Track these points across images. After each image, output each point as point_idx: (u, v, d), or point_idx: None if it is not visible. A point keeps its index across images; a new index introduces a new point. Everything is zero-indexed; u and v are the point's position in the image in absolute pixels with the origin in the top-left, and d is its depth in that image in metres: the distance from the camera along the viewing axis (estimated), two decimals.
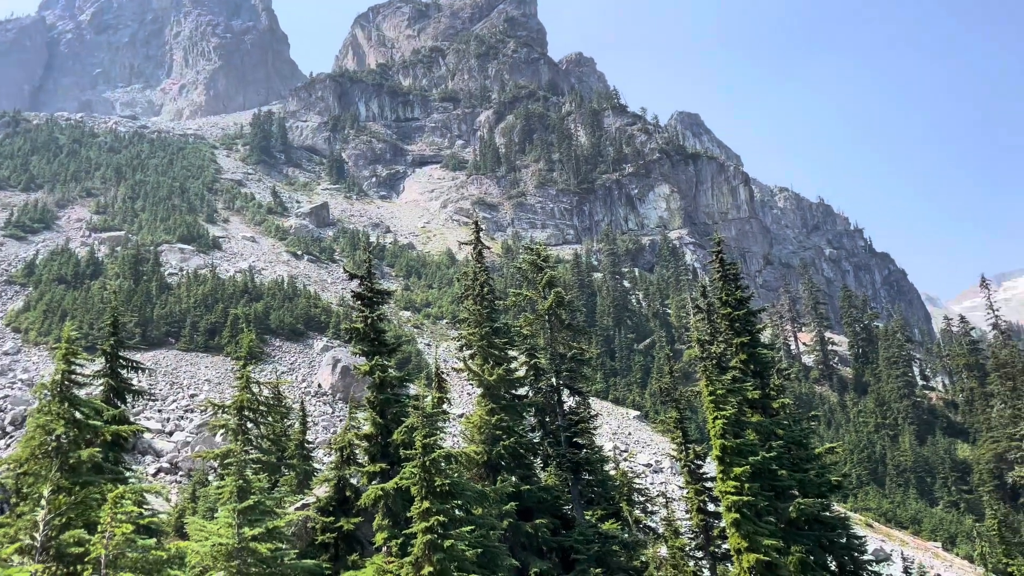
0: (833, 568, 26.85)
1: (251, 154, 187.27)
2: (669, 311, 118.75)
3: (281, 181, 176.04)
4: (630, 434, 77.71)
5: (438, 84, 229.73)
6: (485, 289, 29.25)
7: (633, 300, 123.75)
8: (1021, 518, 70.10)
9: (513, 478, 25.07)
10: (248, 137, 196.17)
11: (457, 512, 19.20)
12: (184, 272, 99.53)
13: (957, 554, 62.76)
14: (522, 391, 29.22)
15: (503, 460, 25.49)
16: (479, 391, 27.03)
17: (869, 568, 27.14)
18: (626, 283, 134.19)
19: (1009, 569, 41.74)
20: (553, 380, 29.64)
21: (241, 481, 15.80)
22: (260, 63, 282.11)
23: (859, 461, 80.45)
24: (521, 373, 29.22)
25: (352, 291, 24.19)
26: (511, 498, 23.35)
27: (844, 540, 27.05)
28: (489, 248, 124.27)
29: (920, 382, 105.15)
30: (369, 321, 22.58)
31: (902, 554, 44.61)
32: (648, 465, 68.35)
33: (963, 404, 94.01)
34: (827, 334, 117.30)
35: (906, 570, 30.35)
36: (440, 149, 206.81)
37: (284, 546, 16.74)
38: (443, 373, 30.18)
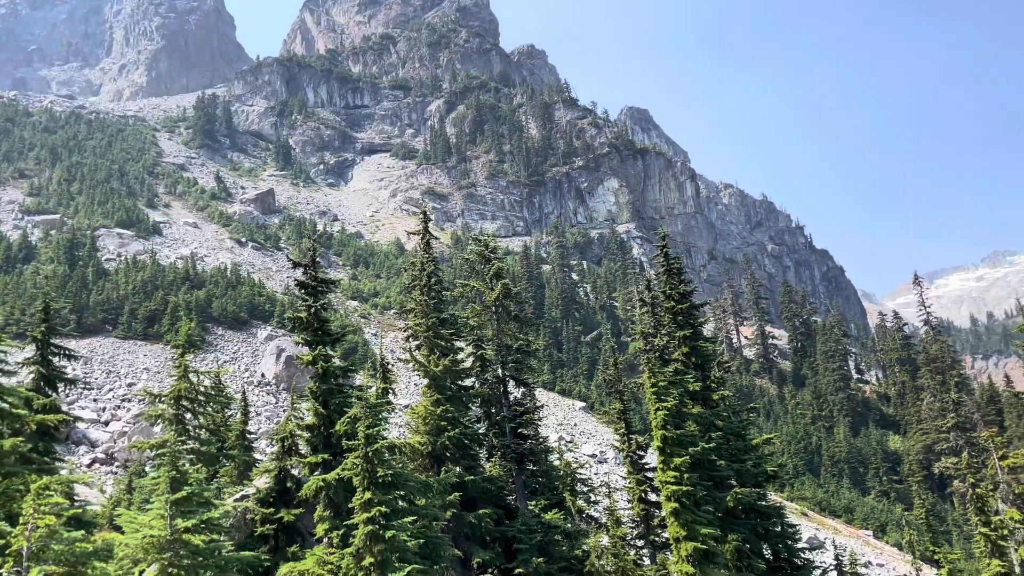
0: (768, 556, 27.60)
1: (194, 138, 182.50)
2: (616, 304, 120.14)
3: (225, 166, 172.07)
4: (575, 425, 78.45)
5: (388, 72, 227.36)
6: (432, 279, 29.13)
7: (581, 293, 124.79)
8: (947, 507, 73.10)
9: (457, 469, 25.10)
10: (191, 120, 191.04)
11: (400, 503, 19.14)
12: (122, 258, 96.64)
13: (887, 542, 65.10)
14: (468, 382, 29.22)
15: (448, 451, 25.48)
16: (425, 382, 26.94)
17: (802, 555, 27.98)
18: (574, 276, 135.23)
19: (935, 556, 43.47)
20: (499, 371, 29.69)
21: (175, 472, 15.44)
22: (205, 45, 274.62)
23: (796, 452, 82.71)
24: (468, 364, 29.20)
25: (296, 280, 23.84)
26: (455, 488, 23.36)
27: (779, 529, 27.82)
28: (438, 238, 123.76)
29: (855, 375, 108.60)
30: (313, 310, 22.29)
31: (834, 542, 46.11)
32: (593, 456, 69.10)
33: (895, 397, 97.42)
34: (768, 328, 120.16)
35: (837, 557, 31.36)
36: (390, 138, 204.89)
37: (220, 538, 16.43)
38: (389, 364, 29.99)
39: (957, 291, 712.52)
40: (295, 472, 21.83)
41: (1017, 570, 51.15)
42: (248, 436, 30.87)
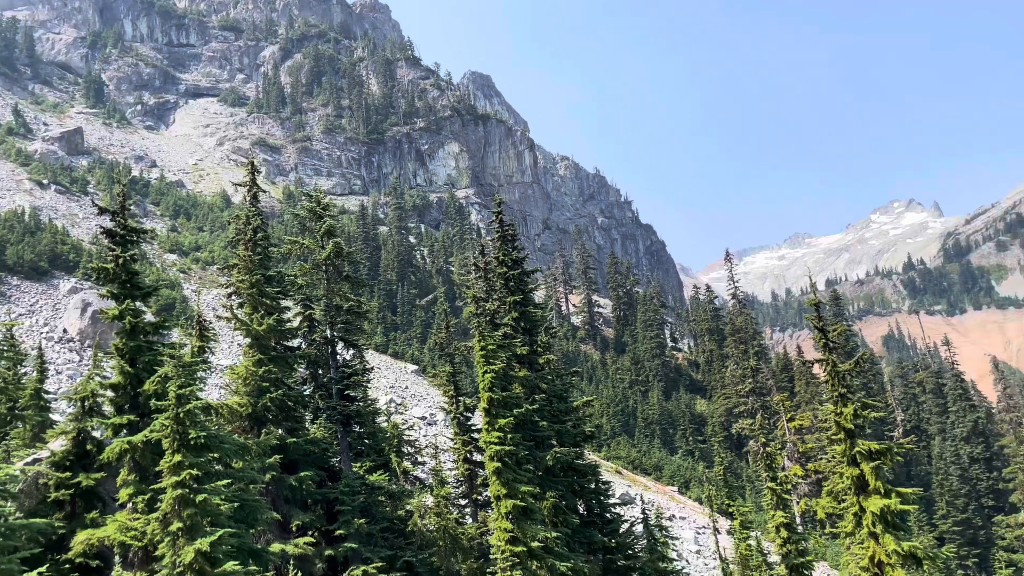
0: (582, 511, 29.16)
1: None
2: (453, 269, 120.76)
3: (25, 99, 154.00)
4: (407, 388, 78.50)
5: (219, 10, 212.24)
6: (259, 234, 27.79)
7: (418, 256, 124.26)
8: (743, 465, 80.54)
9: (279, 431, 24.36)
10: None
11: (215, 466, 18.30)
12: None
13: (690, 497, 70.79)
14: (295, 343, 28.32)
15: (270, 413, 24.64)
16: (247, 341, 25.78)
17: (613, 510, 29.80)
18: (412, 239, 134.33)
19: (730, 509, 47.86)
20: (328, 332, 28.98)
21: None
22: None
23: (614, 414, 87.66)
24: (295, 324, 28.26)
25: (102, 227, 21.85)
26: (276, 451, 22.68)
27: (594, 486, 29.43)
28: (266, 192, 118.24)
29: (670, 344, 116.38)
30: (121, 261, 20.54)
31: (642, 497, 49.56)
32: (423, 418, 69.53)
33: (704, 364, 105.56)
34: (594, 297, 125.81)
35: (644, 512, 33.73)
36: (218, 81, 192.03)
37: (6, 504, 14.97)
38: (208, 322, 28.41)
39: (762, 268, 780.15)
40: (97, 434, 20.24)
41: (797, 520, 57.35)
42: (45, 396, 28.27)
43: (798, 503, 58.23)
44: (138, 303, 20.67)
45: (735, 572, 40.35)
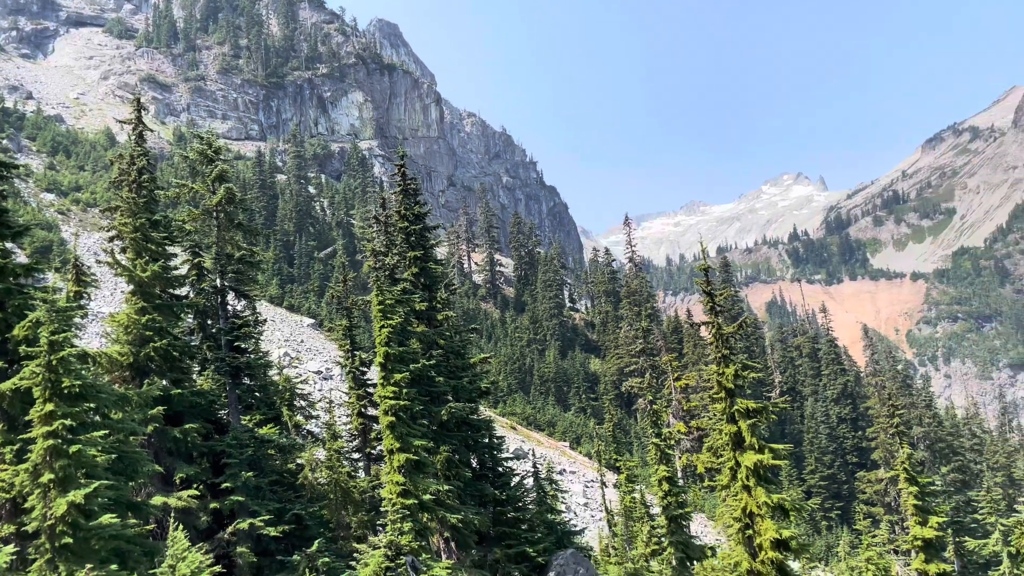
0: (475, 465, 29.63)
1: None
2: (353, 222, 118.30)
3: None
4: (303, 341, 76.96)
5: None
6: (144, 176, 26.25)
7: (317, 207, 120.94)
8: (632, 422, 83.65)
9: (163, 382, 23.42)
10: None
11: (92, 416, 17.47)
12: None
13: (580, 452, 73.09)
14: (182, 291, 27.14)
15: (153, 363, 23.60)
16: (130, 288, 24.51)
17: (505, 464, 30.43)
18: (311, 189, 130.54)
19: (617, 464, 49.74)
20: (218, 281, 27.87)
21: None
22: None
23: (511, 371, 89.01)
24: (182, 272, 27.05)
25: None
26: (159, 402, 21.82)
27: (487, 440, 29.90)
28: (154, 131, 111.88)
29: (568, 304, 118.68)
30: None
31: (534, 452, 50.83)
32: (318, 372, 68.50)
33: (599, 325, 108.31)
34: (497, 256, 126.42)
35: (535, 466, 34.63)
36: (103, 10, 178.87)
37: None
38: (87, 267, 26.84)
39: (659, 234, 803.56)
40: None
41: (679, 474, 60.20)
42: None
43: (680, 458, 61.15)
44: (8, 243, 19.27)
45: (619, 523, 42.18)
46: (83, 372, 16.97)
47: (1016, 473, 77.64)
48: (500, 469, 29.87)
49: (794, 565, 31.53)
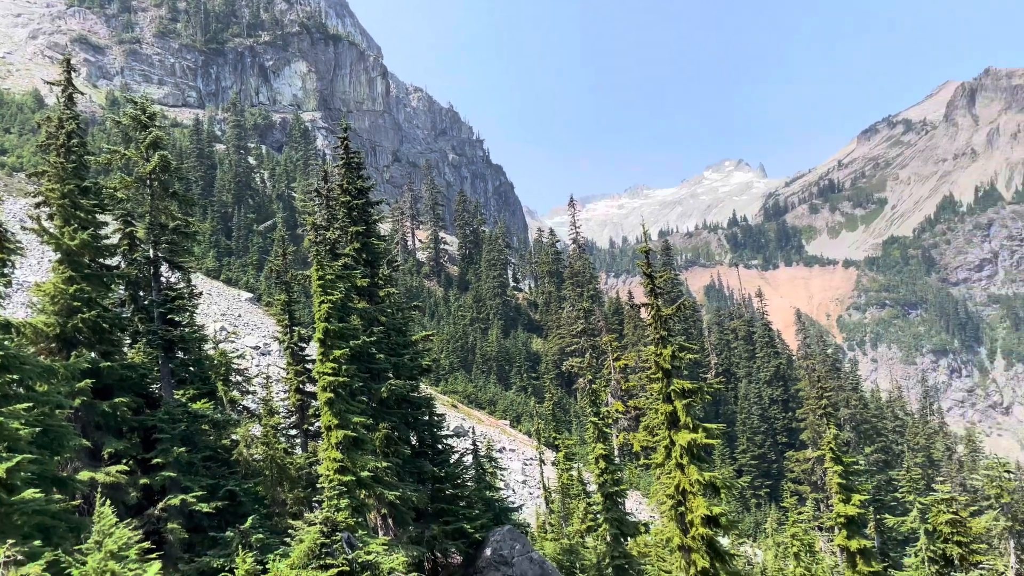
0: (415, 442, 29.62)
1: None
2: (295, 195, 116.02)
3: None
4: (240, 316, 75.38)
5: None
6: (74, 140, 25.18)
7: (257, 179, 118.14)
8: (572, 401, 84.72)
9: (92, 354, 22.66)
10: None
11: (17, 388, 16.84)
12: None
13: (520, 430, 73.74)
14: (113, 261, 26.23)
15: (81, 334, 22.80)
16: (57, 257, 23.58)
17: (444, 442, 30.49)
18: (251, 160, 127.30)
19: (556, 442, 50.33)
20: (151, 252, 27.00)
21: None
22: None
23: (454, 350, 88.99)
24: (113, 241, 26.13)
25: None
26: (88, 375, 21.11)
27: (427, 418, 29.90)
28: (86, 95, 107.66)
29: (512, 284, 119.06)
30: None
31: (474, 430, 51.04)
32: (256, 348, 67.28)
33: (542, 305, 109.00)
34: (441, 234, 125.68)
35: (474, 443, 34.81)
36: None
37: None
38: (12, 233, 25.65)
39: (603, 216, 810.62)
40: None
41: (616, 452, 61.30)
42: None
43: (617, 437, 62.28)
44: None
45: (556, 500, 42.80)
46: (6, 343, 16.34)
47: (935, 454, 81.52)
48: (440, 446, 29.93)
49: (724, 541, 32.52)
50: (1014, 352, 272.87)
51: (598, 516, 33.70)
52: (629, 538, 32.51)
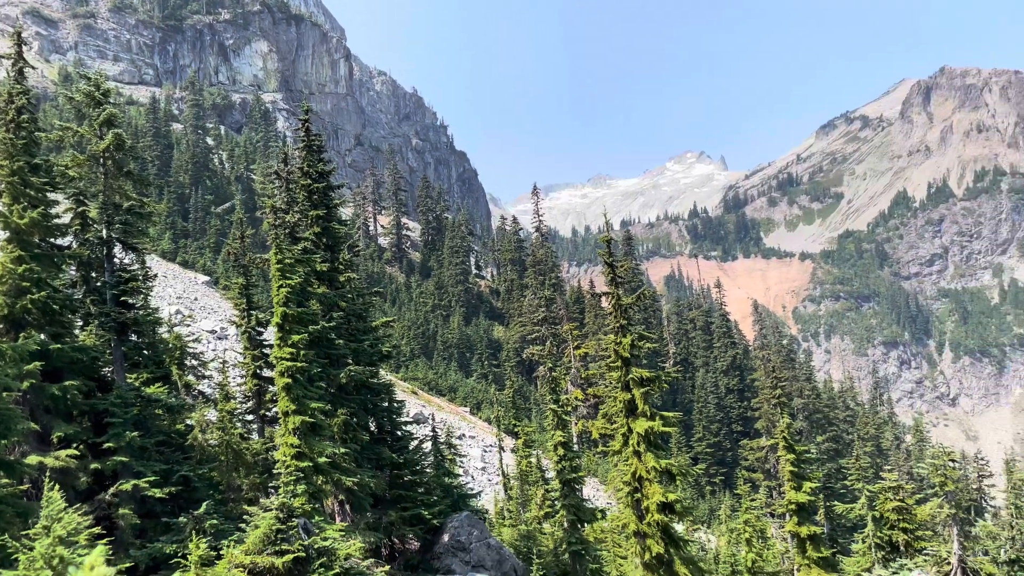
0: (374, 429, 29.50)
1: None
2: (254, 177, 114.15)
3: None
4: (196, 299, 74.08)
5: None
6: (24, 115, 24.41)
7: (216, 160, 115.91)
8: (532, 388, 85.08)
9: (41, 336, 22.08)
10: None
11: None
12: None
13: (480, 417, 73.87)
14: (64, 241, 25.54)
15: (30, 315, 22.19)
16: (5, 235, 22.89)
17: (404, 428, 30.43)
18: (209, 140, 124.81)
19: (515, 429, 50.59)
20: (104, 232, 26.33)
21: None
22: None
23: (415, 336, 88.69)
24: (65, 220, 25.43)
25: None
26: (36, 357, 20.56)
27: (386, 404, 29.77)
28: (37, 69, 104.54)
29: (475, 271, 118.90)
30: None
31: (434, 417, 51.02)
32: (212, 332, 66.23)
33: (504, 293, 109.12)
34: (404, 220, 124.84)
35: (434, 430, 34.80)
36: None
37: None
38: None
39: (566, 205, 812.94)
40: None
41: (574, 439, 61.81)
42: None
43: (576, 424, 62.79)
44: None
45: (515, 487, 43.03)
46: None
47: (883, 443, 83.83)
48: (399, 433, 29.87)
49: (679, 527, 33.06)
50: (961, 345, 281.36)
51: (556, 502, 33.99)
52: (586, 524, 32.86)
